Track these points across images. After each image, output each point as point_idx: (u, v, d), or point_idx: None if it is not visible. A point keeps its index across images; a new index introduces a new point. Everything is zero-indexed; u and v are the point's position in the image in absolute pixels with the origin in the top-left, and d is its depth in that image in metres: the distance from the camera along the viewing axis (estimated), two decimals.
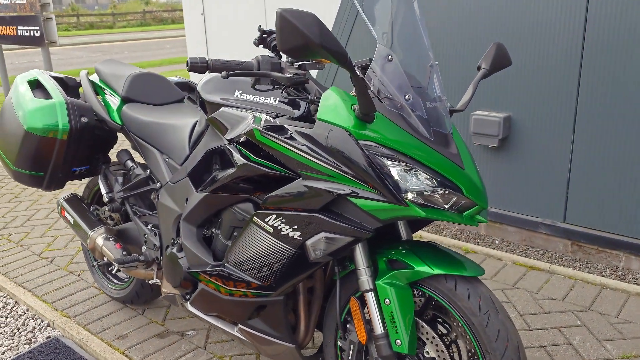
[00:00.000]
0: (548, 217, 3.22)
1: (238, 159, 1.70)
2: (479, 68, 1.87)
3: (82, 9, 39.95)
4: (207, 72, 1.64)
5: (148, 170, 2.32)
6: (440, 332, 1.74)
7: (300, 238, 1.62)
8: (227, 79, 1.89)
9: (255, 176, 1.69)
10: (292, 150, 1.58)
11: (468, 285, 1.56)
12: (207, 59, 1.62)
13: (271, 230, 1.67)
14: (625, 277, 2.90)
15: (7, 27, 6.81)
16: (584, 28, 2.86)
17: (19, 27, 6.62)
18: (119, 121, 2.35)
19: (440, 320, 1.77)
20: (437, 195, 1.51)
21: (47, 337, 2.60)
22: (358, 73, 1.43)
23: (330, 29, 1.28)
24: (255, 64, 1.69)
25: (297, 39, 1.26)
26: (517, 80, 3.14)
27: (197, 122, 2.17)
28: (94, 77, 2.57)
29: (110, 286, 2.78)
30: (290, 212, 1.62)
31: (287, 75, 1.65)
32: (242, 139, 1.72)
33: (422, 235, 3.45)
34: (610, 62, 2.81)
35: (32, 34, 6.44)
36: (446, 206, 1.52)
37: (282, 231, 1.65)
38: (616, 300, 2.63)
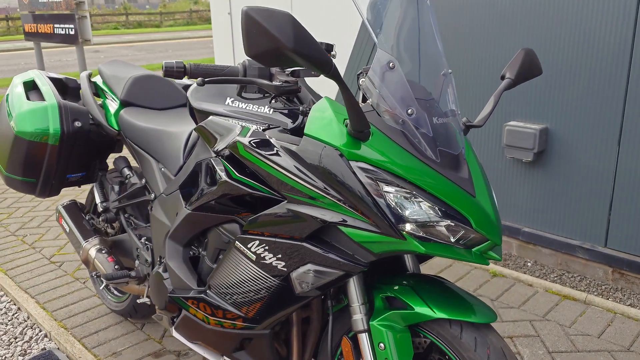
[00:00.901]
0: (587, 240, 2.91)
1: (219, 175, 1.52)
2: (502, 77, 1.64)
3: (133, 8, 40.96)
4: (185, 78, 1.46)
5: (144, 180, 2.17)
6: None
7: (285, 269, 1.43)
8: (218, 86, 1.72)
9: (238, 195, 1.50)
10: (276, 169, 1.39)
11: (476, 333, 1.33)
12: (184, 63, 1.45)
13: (254, 257, 1.48)
14: None
15: (45, 24, 6.89)
16: (634, 33, 2.55)
17: (56, 25, 6.68)
18: (115, 126, 2.21)
19: None
20: (441, 228, 1.29)
21: (42, 349, 2.49)
22: (346, 84, 1.22)
23: (309, 33, 1.08)
24: (241, 70, 1.50)
25: (267, 43, 1.06)
26: (557, 89, 2.85)
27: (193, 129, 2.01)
28: (97, 79, 2.45)
29: (109, 297, 2.66)
30: (274, 239, 1.43)
31: (275, 83, 1.45)
32: (226, 153, 1.54)
33: None
34: None
35: (67, 32, 6.49)
36: (452, 240, 1.30)
37: (266, 260, 1.46)
38: None
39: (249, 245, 1.49)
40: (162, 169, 2.07)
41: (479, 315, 1.34)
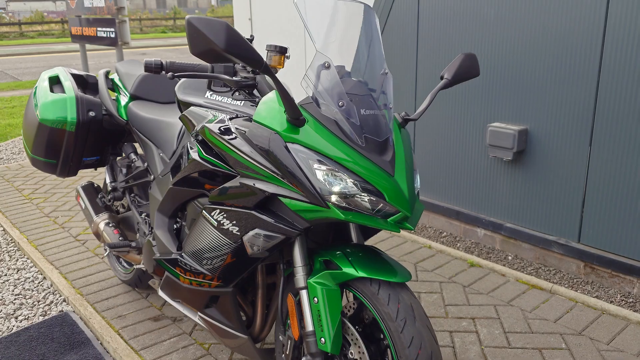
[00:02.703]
0: (562, 236, 3.09)
1: (192, 155, 1.83)
2: (441, 78, 1.88)
3: (183, 12, 42.27)
4: (162, 73, 1.77)
5: (146, 163, 2.50)
6: (378, 337, 1.77)
7: (239, 233, 1.72)
8: (200, 82, 2.03)
9: (205, 172, 1.80)
10: (231, 149, 1.68)
11: (390, 290, 1.58)
12: (162, 61, 1.76)
13: (215, 224, 1.78)
14: (635, 304, 2.73)
15: (89, 28, 7.42)
16: (603, 40, 2.73)
17: (98, 29, 7.19)
18: (124, 116, 2.55)
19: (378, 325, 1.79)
20: (361, 200, 1.55)
21: (60, 311, 2.86)
22: (278, 78, 1.50)
23: (241, 37, 1.37)
24: (210, 67, 1.80)
25: (204, 45, 1.36)
26: (535, 93, 3.05)
27: None
28: (115, 76, 2.80)
29: (119, 269, 3.01)
30: (230, 208, 1.72)
31: (235, 78, 1.75)
32: (199, 137, 1.84)
33: (433, 245, 3.41)
34: (630, 75, 2.66)
35: (108, 35, 6.99)
36: (370, 210, 1.56)
37: (224, 225, 1.75)
38: (613, 327, 2.49)
39: (212, 214, 1.78)
40: (161, 154, 2.40)
41: (395, 275, 1.60)
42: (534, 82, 3.04)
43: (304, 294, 1.70)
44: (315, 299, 1.65)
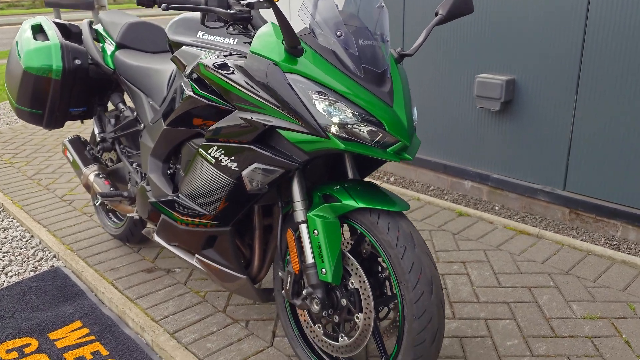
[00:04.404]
0: (548, 184, 3.15)
1: (187, 92, 1.81)
2: (436, 14, 1.88)
3: None
4: (155, 7, 1.74)
5: (135, 113, 2.47)
6: (376, 270, 1.80)
7: (237, 169, 1.71)
8: (193, 21, 1.99)
9: (201, 108, 1.79)
10: (228, 83, 1.67)
11: (390, 219, 1.60)
12: None
13: (213, 161, 1.77)
14: (619, 246, 2.81)
15: None
16: None
17: None
18: (111, 65, 2.51)
19: (379, 258, 1.82)
20: (361, 130, 1.55)
21: (51, 266, 2.84)
22: (277, 6, 1.48)
23: None
24: (203, 0, 1.77)
25: None
26: (522, 43, 3.06)
27: None
28: (98, 26, 2.74)
29: (109, 224, 2.99)
30: (228, 144, 1.71)
31: (229, 11, 1.72)
32: (194, 75, 1.82)
33: (422, 197, 3.45)
34: (616, 24, 2.69)
35: None
36: (369, 140, 1.57)
37: (222, 162, 1.75)
38: (598, 266, 2.57)
39: (209, 151, 1.77)
40: (150, 102, 2.36)
41: (394, 205, 1.62)
42: (521, 32, 3.06)
43: (303, 228, 1.72)
44: (316, 231, 1.66)
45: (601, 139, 2.86)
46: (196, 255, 2.05)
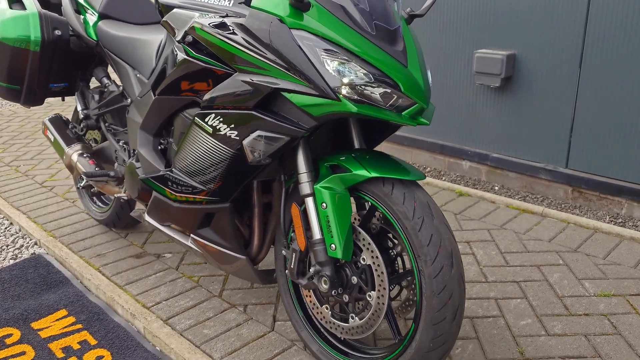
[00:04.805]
0: (550, 162, 3.06)
1: (180, 56, 1.66)
2: None
3: None
4: None
5: (121, 87, 2.31)
6: (386, 246, 1.68)
7: (238, 137, 1.58)
8: None
9: (196, 73, 1.64)
10: (227, 43, 1.53)
11: (405, 189, 1.49)
12: None
13: (210, 130, 1.63)
14: (625, 224, 2.74)
15: None
16: None
17: None
18: (94, 37, 2.34)
19: (389, 234, 1.71)
20: (374, 92, 1.43)
21: (32, 254, 2.67)
22: None
23: None
24: None
25: None
26: (523, 16, 2.96)
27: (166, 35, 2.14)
28: None
29: (94, 208, 2.83)
30: (227, 111, 1.58)
31: None
32: (187, 38, 1.67)
33: None
34: None
35: None
36: (383, 103, 1.44)
37: (221, 131, 1.61)
38: (607, 244, 2.49)
39: (206, 120, 1.63)
40: (138, 74, 2.21)
41: (408, 174, 1.50)
42: (522, 4, 2.95)
43: (310, 201, 1.59)
44: (324, 204, 1.54)
45: (606, 113, 2.77)
46: (191, 235, 1.91)
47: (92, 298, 2.27)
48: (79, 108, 2.47)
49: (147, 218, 2.04)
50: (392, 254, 1.68)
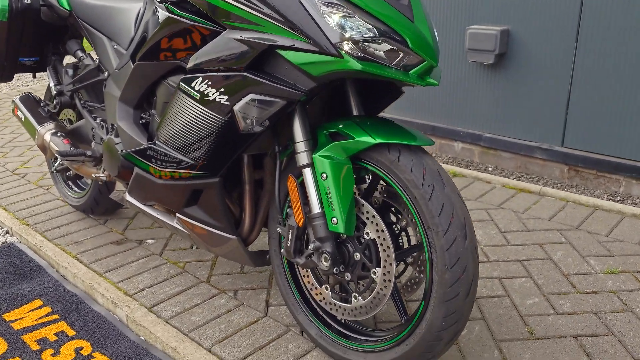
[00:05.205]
0: (545, 141, 2.98)
1: (162, 14, 1.51)
2: None
3: None
4: None
5: (97, 60, 2.15)
6: (389, 222, 1.57)
7: (228, 103, 1.44)
8: None
9: (180, 33, 1.50)
10: None
11: (413, 156, 1.37)
12: None
13: (198, 96, 1.49)
14: (624, 202, 2.67)
15: None
16: None
17: None
18: (67, 6, 2.17)
19: (392, 208, 1.59)
20: (379, 48, 1.30)
21: (3, 243, 2.50)
22: None
23: None
24: None
25: None
26: None
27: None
28: None
29: (70, 194, 2.66)
30: (216, 73, 1.44)
31: None
32: None
33: None
34: None
35: None
36: (390, 61, 1.32)
37: (209, 96, 1.47)
38: (609, 221, 2.41)
39: (192, 85, 1.49)
40: (115, 46, 2.05)
41: (415, 139, 1.38)
42: None
43: (308, 172, 1.46)
44: (324, 174, 1.41)
45: (602, 89, 2.69)
46: (177, 214, 1.77)
47: (69, 287, 2.11)
48: (52, 84, 2.30)
49: (129, 198, 1.89)
50: (396, 229, 1.57)
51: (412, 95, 3.49)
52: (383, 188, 1.57)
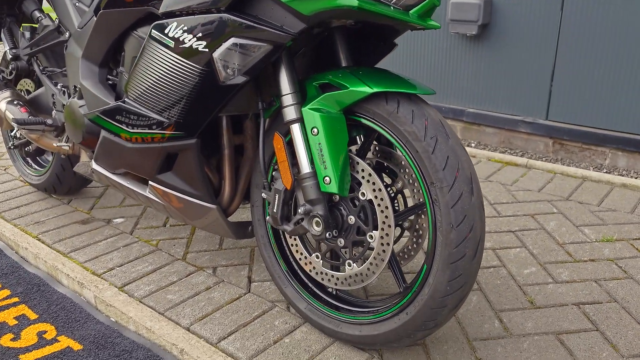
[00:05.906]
0: (529, 114, 2.91)
1: None
2: None
3: None
4: None
5: (57, 20, 1.96)
6: (385, 183, 1.44)
7: (207, 49, 1.29)
8: None
9: None
10: None
11: (413, 106, 1.24)
12: None
13: (172, 43, 1.34)
14: (610, 174, 2.62)
15: None
16: None
17: None
18: None
19: (386, 170, 1.47)
20: None
21: None
22: None
23: None
24: None
25: None
26: None
27: None
28: None
29: (29, 172, 2.46)
30: (192, 16, 1.28)
31: None
32: None
33: None
34: None
35: None
36: (390, 1, 1.20)
37: (185, 43, 1.31)
38: (598, 191, 2.35)
39: (165, 31, 1.34)
40: (77, 3, 1.87)
41: (415, 88, 1.26)
42: None
43: (296, 128, 1.33)
44: (315, 129, 1.28)
45: (587, 60, 2.63)
46: (150, 182, 1.61)
47: (30, 269, 1.93)
48: (7, 48, 2.10)
49: (95, 166, 1.72)
50: (391, 192, 1.45)
51: (391, 69, 3.38)
52: (377, 148, 1.45)
